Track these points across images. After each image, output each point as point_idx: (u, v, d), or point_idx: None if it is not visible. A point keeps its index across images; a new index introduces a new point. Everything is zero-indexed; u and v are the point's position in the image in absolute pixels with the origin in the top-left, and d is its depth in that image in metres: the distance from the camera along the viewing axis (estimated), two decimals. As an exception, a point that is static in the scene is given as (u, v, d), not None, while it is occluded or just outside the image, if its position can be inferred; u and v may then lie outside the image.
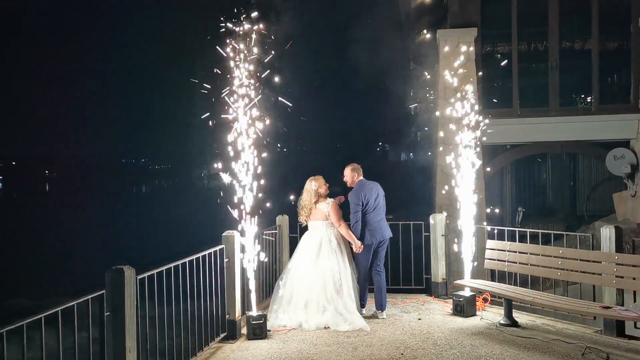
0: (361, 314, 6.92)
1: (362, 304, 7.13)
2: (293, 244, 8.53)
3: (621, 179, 12.87)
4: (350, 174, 7.23)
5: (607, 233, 6.17)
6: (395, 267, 8.23)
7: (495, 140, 13.07)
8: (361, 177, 7.22)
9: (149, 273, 4.68)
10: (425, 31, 15.35)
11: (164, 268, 4.93)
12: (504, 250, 6.93)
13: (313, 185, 7.15)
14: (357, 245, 6.91)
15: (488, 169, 13.11)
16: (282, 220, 8.40)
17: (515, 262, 6.82)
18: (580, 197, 15.23)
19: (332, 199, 7.16)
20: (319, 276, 6.89)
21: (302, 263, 7.05)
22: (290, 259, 7.33)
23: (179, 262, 5.25)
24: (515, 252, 6.85)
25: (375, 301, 7.18)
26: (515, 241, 7.22)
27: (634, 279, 5.88)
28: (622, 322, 6.03)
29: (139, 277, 4.40)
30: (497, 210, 14.25)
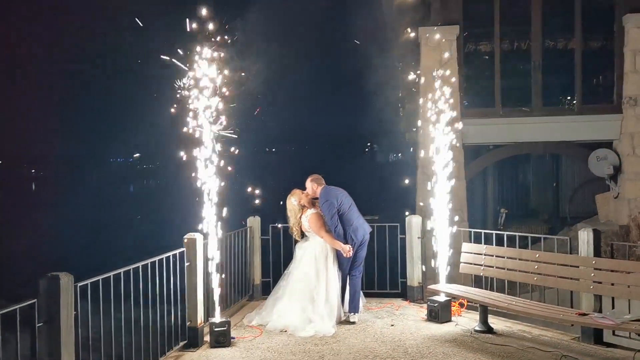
0: (353, 322, 6.79)
1: (355, 309, 6.89)
2: (265, 246, 8.27)
3: (604, 180, 12.69)
4: (310, 185, 7.01)
5: (585, 236, 5.93)
6: (370, 271, 7.96)
7: (476, 141, 12.88)
8: (323, 185, 6.99)
9: (93, 279, 4.36)
10: (409, 30, 15.11)
11: (111, 274, 4.60)
12: (480, 254, 6.67)
13: (294, 201, 7.01)
14: (345, 251, 6.68)
15: (469, 170, 12.92)
16: (254, 221, 8.12)
17: (492, 267, 6.56)
18: (563, 199, 15.05)
19: (312, 211, 6.92)
20: (297, 283, 6.78)
21: (292, 269, 6.97)
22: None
23: (131, 267, 4.94)
24: (492, 255, 6.59)
25: (349, 303, 6.94)
26: (492, 244, 6.99)
27: (612, 284, 5.64)
28: (600, 330, 5.79)
29: (80, 284, 4.08)
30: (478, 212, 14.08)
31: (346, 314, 6.92)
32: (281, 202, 7.29)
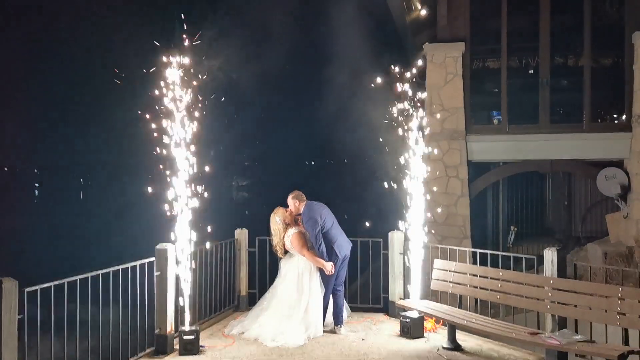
0: (340, 333, 6.97)
1: (338, 322, 7.07)
2: (252, 259, 8.43)
3: (614, 199, 12.43)
4: (292, 202, 7.12)
5: (549, 256, 5.91)
6: (353, 285, 8.05)
7: (482, 158, 12.81)
8: (305, 201, 7.11)
9: (45, 285, 4.61)
10: (424, 47, 15.20)
11: (65, 280, 4.86)
12: (450, 271, 6.71)
13: (278, 220, 7.08)
14: (327, 269, 6.82)
15: (475, 187, 12.84)
16: (241, 234, 8.29)
17: (461, 284, 6.58)
18: (576, 218, 14.75)
19: (293, 230, 7.01)
20: (281, 299, 6.95)
21: (277, 284, 7.13)
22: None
23: (89, 275, 5.19)
24: (462, 273, 6.62)
25: (336, 317, 7.09)
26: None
27: (576, 306, 5.59)
28: (564, 351, 5.74)
29: (28, 289, 4.34)
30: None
31: (332, 328, 7.05)
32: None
